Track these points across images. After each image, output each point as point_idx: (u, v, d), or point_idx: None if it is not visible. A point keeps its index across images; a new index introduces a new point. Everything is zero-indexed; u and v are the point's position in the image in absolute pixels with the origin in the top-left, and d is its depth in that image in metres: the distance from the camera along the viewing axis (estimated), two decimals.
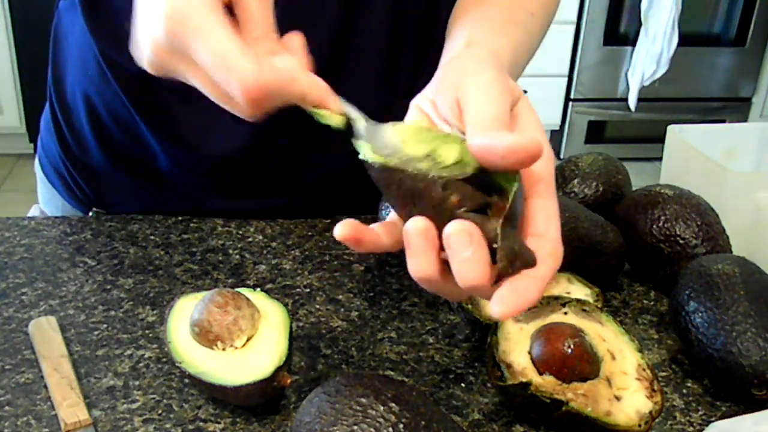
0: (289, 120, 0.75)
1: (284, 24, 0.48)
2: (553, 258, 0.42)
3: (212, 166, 0.79)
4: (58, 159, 0.84)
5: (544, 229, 0.42)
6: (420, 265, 0.41)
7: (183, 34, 0.43)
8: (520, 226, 0.42)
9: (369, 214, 0.82)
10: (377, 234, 0.44)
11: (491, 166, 0.40)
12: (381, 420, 0.43)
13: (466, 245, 0.39)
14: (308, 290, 0.69)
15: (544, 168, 0.43)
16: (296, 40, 0.48)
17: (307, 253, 0.75)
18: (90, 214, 0.83)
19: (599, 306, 0.60)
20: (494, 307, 0.39)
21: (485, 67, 0.48)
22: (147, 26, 0.46)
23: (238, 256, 0.74)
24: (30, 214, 0.88)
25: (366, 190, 0.82)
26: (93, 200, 0.83)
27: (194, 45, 0.43)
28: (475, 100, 0.44)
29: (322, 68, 0.48)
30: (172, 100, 0.74)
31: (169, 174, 0.80)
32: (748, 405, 0.57)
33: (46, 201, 0.89)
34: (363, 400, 0.44)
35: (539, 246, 0.41)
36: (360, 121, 0.46)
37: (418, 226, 0.41)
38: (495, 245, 0.39)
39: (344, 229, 0.42)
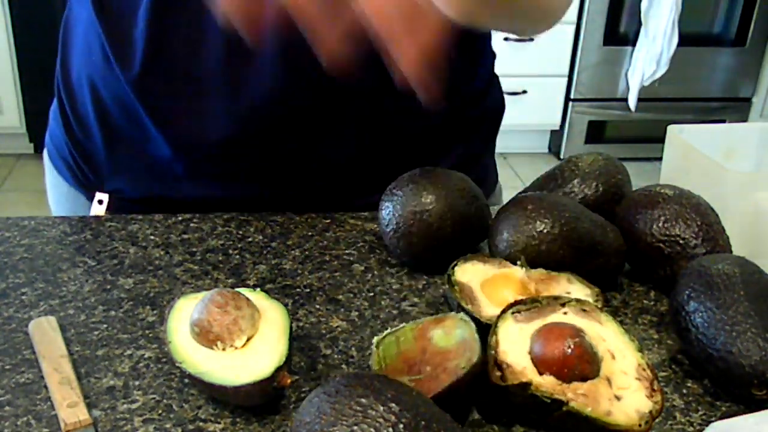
0: (288, 108, 0.76)
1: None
2: None
3: (210, 152, 0.80)
4: (63, 144, 0.85)
5: None
6: None
7: None
8: None
9: (370, 210, 0.82)
10: None
11: None
12: (381, 420, 0.43)
13: None
14: (308, 290, 0.69)
15: None
16: None
17: (307, 253, 0.75)
18: (94, 198, 0.83)
19: (599, 306, 0.60)
20: None
21: None
22: None
23: (238, 256, 0.74)
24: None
25: (367, 186, 0.83)
26: (95, 184, 0.84)
27: None
28: None
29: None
30: (170, 84, 0.76)
31: (167, 160, 0.80)
32: (748, 405, 0.57)
33: (52, 187, 0.90)
34: (363, 400, 0.44)
35: None
36: None
37: None
38: None
39: None
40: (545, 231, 0.65)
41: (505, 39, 2.96)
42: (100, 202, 0.83)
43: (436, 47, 0.47)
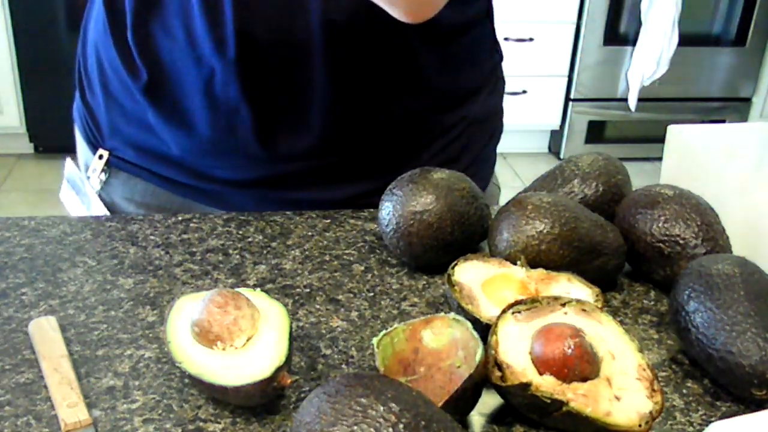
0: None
1: None
2: None
3: (191, 121, 0.82)
4: (80, 100, 0.92)
5: None
6: None
7: None
8: None
9: (371, 207, 0.82)
10: None
11: None
12: (381, 420, 0.43)
13: None
14: (308, 290, 0.69)
15: None
16: None
17: (307, 253, 0.75)
18: (96, 153, 0.88)
19: (599, 306, 0.60)
20: None
21: None
22: None
23: (238, 256, 0.74)
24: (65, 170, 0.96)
25: (368, 179, 0.83)
26: (99, 141, 0.90)
27: None
28: None
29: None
30: (151, 54, 0.80)
31: (156, 127, 0.84)
32: (748, 405, 0.57)
33: (78, 145, 0.96)
34: (363, 400, 0.44)
35: None
36: None
37: None
38: None
39: None
40: (545, 231, 0.65)
41: (505, 39, 2.96)
42: (101, 157, 0.89)
43: None
